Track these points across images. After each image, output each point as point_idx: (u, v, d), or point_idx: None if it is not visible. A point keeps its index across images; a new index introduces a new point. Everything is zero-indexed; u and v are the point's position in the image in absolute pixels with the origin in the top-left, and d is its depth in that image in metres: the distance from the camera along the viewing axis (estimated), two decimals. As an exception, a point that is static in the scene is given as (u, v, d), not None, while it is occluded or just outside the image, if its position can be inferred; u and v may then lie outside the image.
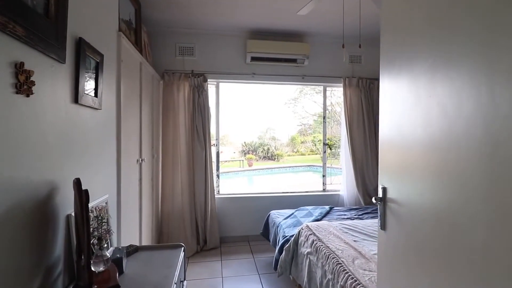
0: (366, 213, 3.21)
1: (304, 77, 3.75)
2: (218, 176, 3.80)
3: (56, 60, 1.20)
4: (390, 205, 0.96)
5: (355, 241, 1.97)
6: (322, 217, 3.04)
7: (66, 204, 1.26)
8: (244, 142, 14.93)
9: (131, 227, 2.22)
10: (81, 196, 1.06)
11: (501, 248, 0.56)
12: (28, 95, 0.98)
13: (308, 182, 9.98)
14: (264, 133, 17.82)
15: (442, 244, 0.72)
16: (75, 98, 1.36)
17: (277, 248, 2.52)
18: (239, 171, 11.65)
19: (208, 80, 3.52)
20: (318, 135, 17.48)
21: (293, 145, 17.57)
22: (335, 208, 3.40)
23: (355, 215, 3.13)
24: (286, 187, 8.44)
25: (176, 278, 1.35)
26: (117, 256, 1.43)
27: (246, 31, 3.59)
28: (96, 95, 1.57)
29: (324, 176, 4.03)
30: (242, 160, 12.70)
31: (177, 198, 3.38)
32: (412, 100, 0.85)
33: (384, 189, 1.00)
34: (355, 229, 2.19)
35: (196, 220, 3.46)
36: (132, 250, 1.69)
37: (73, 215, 1.25)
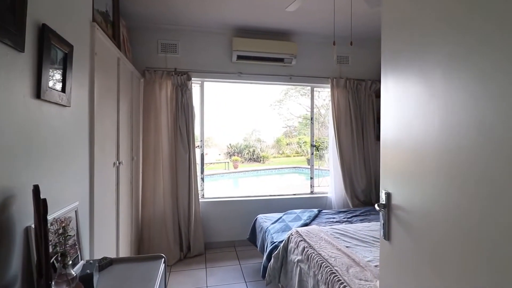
0: (355, 216, 3.15)
1: (291, 77, 3.67)
2: (202, 179, 3.65)
3: (13, 48, 1.04)
4: (396, 212, 0.86)
5: (347, 247, 1.88)
6: (311, 221, 2.95)
7: (24, 214, 1.09)
8: (230, 144, 14.75)
9: (106, 237, 2.04)
10: (39, 206, 0.90)
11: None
12: (-29, 86, 0.82)
13: (294, 184, 9.95)
14: (249, 134, 17.69)
15: (463, 257, 0.62)
16: (37, 93, 1.19)
17: (265, 255, 2.39)
18: (224, 173, 11.46)
19: (192, 79, 3.36)
20: (303, 137, 17.56)
21: (279, 147, 17.54)
22: (323, 211, 3.32)
23: (344, 218, 3.06)
24: (272, 189, 8.36)
25: (154, 295, 1.20)
26: (87, 272, 1.26)
27: (232, 29, 3.46)
28: (63, 90, 1.40)
29: (311, 178, 3.95)
30: (228, 162, 12.52)
31: (158, 203, 3.19)
32: (425, 96, 0.75)
33: (388, 195, 0.90)
34: (346, 234, 2.11)
35: (179, 225, 3.29)
36: (106, 264, 1.52)
37: (33, 227, 1.08)
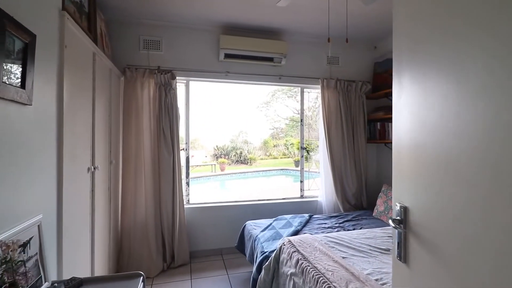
0: (347, 221, 3.05)
1: (281, 78, 3.54)
2: (188, 183, 3.45)
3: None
4: (417, 230, 0.73)
5: (343, 257, 1.76)
6: (302, 227, 2.82)
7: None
8: (216, 146, 14.51)
9: (78, 252, 1.83)
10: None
11: None
12: None
13: (281, 186, 9.84)
14: (236, 136, 17.53)
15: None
16: (-15, 88, 0.99)
17: (255, 266, 2.24)
18: (211, 176, 11.22)
19: (177, 77, 3.17)
20: (290, 138, 17.56)
21: (266, 149, 17.45)
22: (314, 216, 3.20)
23: (336, 224, 2.95)
24: (260, 192, 8.21)
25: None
26: (49, 298, 1.07)
27: (219, 26, 3.30)
28: (23, 86, 1.20)
29: (301, 182, 3.83)
30: (214, 165, 12.28)
31: (140, 210, 2.98)
32: (462, 94, 0.62)
33: (404, 209, 0.77)
34: (341, 242, 1.98)
35: (163, 233, 3.08)
36: (75, 285, 1.33)
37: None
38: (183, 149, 3.46)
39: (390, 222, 0.79)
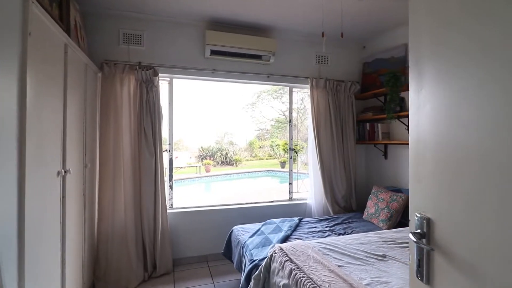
0: (337, 224, 2.96)
1: (269, 76, 3.42)
2: (171, 187, 3.26)
3: None
4: (445, 246, 0.62)
5: (339, 266, 1.65)
6: (292, 231, 2.70)
7: None
8: (201, 147, 14.25)
9: (45, 265, 1.62)
10: None
11: None
12: None
13: (267, 188, 9.73)
14: (221, 137, 17.30)
15: None
16: None
17: (244, 275, 2.09)
18: (195, 178, 10.96)
19: (160, 74, 2.98)
20: (275, 139, 17.51)
21: (251, 150, 17.32)
22: (304, 219, 3.09)
23: (327, 227, 2.85)
24: (246, 194, 8.06)
25: None
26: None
27: (205, 21, 3.14)
28: (-29, 75, 1.01)
29: (290, 184, 3.72)
30: (199, 166, 12.02)
31: (118, 216, 2.77)
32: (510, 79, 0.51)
33: (427, 221, 0.66)
34: (336, 249, 1.88)
35: (143, 241, 2.88)
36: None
37: None
38: (166, 150, 3.27)
39: (411, 236, 0.68)
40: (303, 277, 1.49)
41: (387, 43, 3.45)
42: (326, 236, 2.61)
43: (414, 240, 0.67)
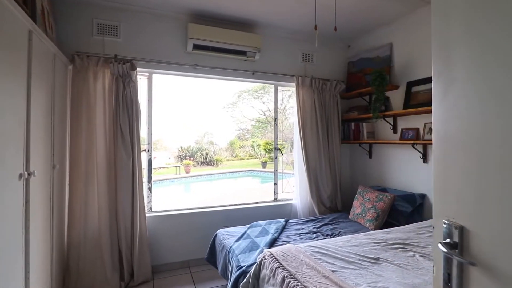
0: (324, 225, 2.90)
1: (254, 74, 3.30)
2: (150, 189, 3.06)
3: None
4: (486, 262, 0.53)
5: (333, 271, 1.57)
6: (279, 234, 2.61)
7: None
8: (181, 147, 13.88)
9: (4, 281, 1.41)
10: None
11: None
12: None
13: (249, 188, 9.62)
14: (201, 137, 16.98)
15: None
16: None
17: (230, 283, 1.96)
18: (175, 179, 10.63)
19: (138, 69, 2.78)
20: (256, 139, 17.44)
21: (232, 150, 17.13)
22: (290, 221, 3.01)
23: (314, 229, 2.78)
24: (228, 195, 7.91)
25: None
26: None
27: (188, 13, 2.97)
28: None
29: (275, 184, 3.63)
30: (179, 166, 11.68)
31: (91, 222, 2.54)
32: None
33: (460, 230, 0.57)
34: (327, 253, 1.80)
35: (119, 247, 2.67)
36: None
37: None
38: (145, 150, 3.07)
39: (441, 247, 0.59)
40: (297, 285, 1.39)
41: (372, 43, 3.44)
42: (314, 238, 2.55)
43: (445, 251, 0.58)
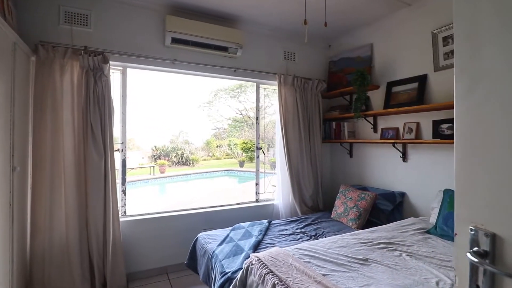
0: (308, 225, 2.87)
1: (236, 71, 3.20)
2: (124, 191, 2.86)
3: None
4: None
5: (324, 275, 1.51)
6: (263, 236, 2.53)
7: None
8: (155, 146, 13.40)
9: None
10: None
11: None
12: None
13: (227, 188, 9.49)
14: (176, 136, 16.53)
15: None
16: None
17: (215, 290, 1.86)
18: (149, 179, 10.22)
19: (111, 62, 2.58)
20: (233, 139, 17.28)
21: (209, 149, 16.85)
22: (273, 222, 2.94)
23: (298, 229, 2.74)
24: (204, 196, 7.72)
25: None
26: None
27: (165, 5, 2.80)
28: None
29: (257, 184, 3.55)
30: (153, 167, 11.26)
31: (58, 229, 2.31)
32: None
33: (492, 237, 0.52)
34: (316, 255, 1.75)
35: (90, 256, 2.46)
36: None
37: None
38: (118, 150, 2.86)
39: (470, 256, 0.54)
40: (290, 292, 1.32)
41: (353, 43, 3.47)
42: (298, 239, 2.50)
43: (475, 260, 0.53)
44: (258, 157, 3.54)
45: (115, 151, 2.72)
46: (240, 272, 1.73)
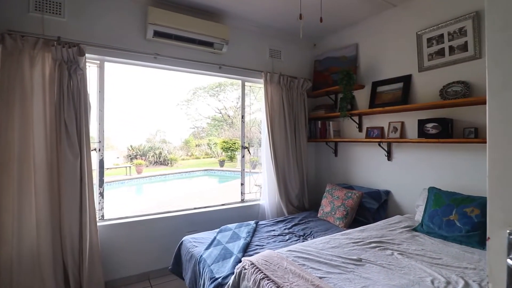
0: (295, 225, 2.83)
1: (221, 67, 3.10)
2: (102, 194, 2.68)
3: None
4: None
5: (320, 278, 1.47)
6: (252, 238, 2.46)
7: None
8: (131, 146, 12.90)
9: None
10: None
11: None
12: None
13: (209, 189, 9.30)
14: (153, 135, 16.03)
15: None
16: None
17: (204, 297, 1.76)
18: (125, 180, 9.81)
19: (87, 55, 2.39)
20: (213, 138, 17.04)
21: (188, 149, 16.49)
22: (260, 223, 2.88)
23: (286, 230, 2.69)
24: (181, 196, 7.52)
25: None
26: None
27: (146, -5, 2.65)
28: None
29: (242, 184, 3.47)
30: (130, 167, 10.82)
31: (27, 237, 2.11)
32: None
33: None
34: (310, 257, 1.70)
35: (65, 264, 2.27)
36: None
37: None
38: (95, 149, 2.67)
39: (510, 262, 0.50)
40: (288, 298, 1.26)
41: (338, 42, 3.48)
42: (287, 240, 2.45)
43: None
44: (243, 156, 3.46)
45: (92, 150, 2.54)
46: (232, 277, 1.65)
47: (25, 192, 2.11)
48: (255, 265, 1.57)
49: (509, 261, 0.51)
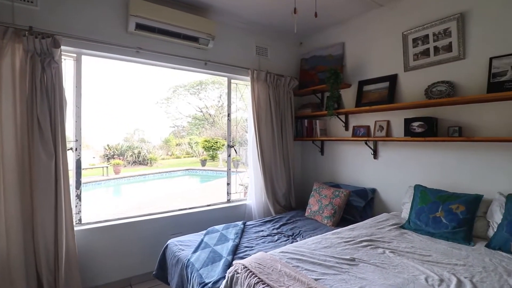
0: (283, 225, 2.80)
1: (207, 63, 3.00)
2: (79, 196, 2.51)
3: None
4: None
5: (316, 279, 1.43)
6: (240, 239, 2.40)
7: None
8: (108, 145, 12.39)
9: None
10: None
11: None
12: None
13: (191, 189, 9.11)
14: (131, 134, 15.51)
15: None
16: None
17: (194, 304, 1.67)
18: (102, 181, 9.41)
19: (63, 47, 2.22)
20: (194, 137, 16.74)
21: (168, 148, 16.10)
22: (248, 223, 2.82)
23: (274, 230, 2.65)
24: (161, 197, 7.31)
25: None
26: None
27: (128, -15, 2.51)
28: None
29: (228, 184, 3.39)
30: (107, 167, 10.39)
31: (-4, 244, 1.92)
32: None
33: None
34: (303, 258, 1.66)
35: (38, 272, 2.09)
36: None
37: None
38: (71, 149, 2.50)
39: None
40: (286, 303, 1.21)
41: (324, 41, 3.48)
42: (277, 240, 2.41)
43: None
44: (230, 155, 3.38)
45: (68, 150, 2.37)
46: (224, 282, 1.58)
47: (-8, 196, 1.92)
48: (248, 269, 1.50)
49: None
